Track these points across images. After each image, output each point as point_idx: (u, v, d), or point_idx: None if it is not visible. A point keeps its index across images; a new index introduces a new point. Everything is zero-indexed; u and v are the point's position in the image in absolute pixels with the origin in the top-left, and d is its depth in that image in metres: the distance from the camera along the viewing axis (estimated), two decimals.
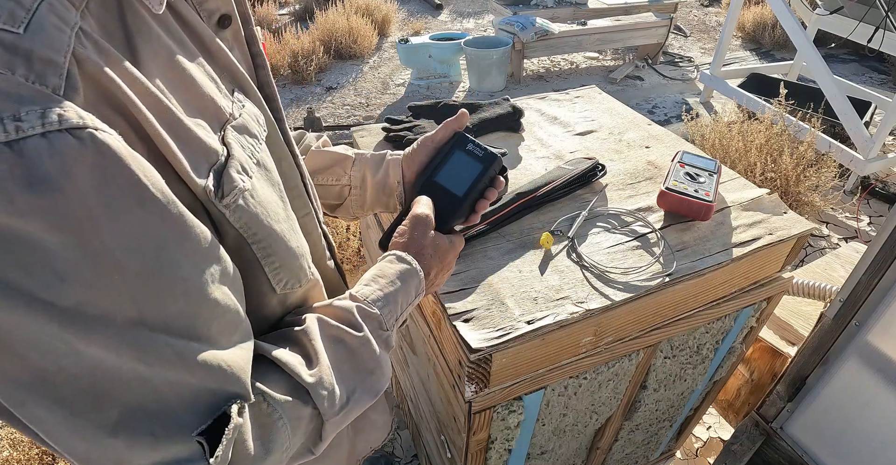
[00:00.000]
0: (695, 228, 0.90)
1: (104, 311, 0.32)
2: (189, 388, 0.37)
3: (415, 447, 1.67)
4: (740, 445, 1.28)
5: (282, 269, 0.48)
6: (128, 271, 0.32)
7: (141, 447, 0.35)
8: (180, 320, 0.36)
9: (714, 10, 6.24)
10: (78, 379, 0.32)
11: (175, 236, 0.35)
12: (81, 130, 0.29)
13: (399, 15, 5.77)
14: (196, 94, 0.40)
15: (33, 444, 1.45)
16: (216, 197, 0.39)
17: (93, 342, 0.32)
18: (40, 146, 0.28)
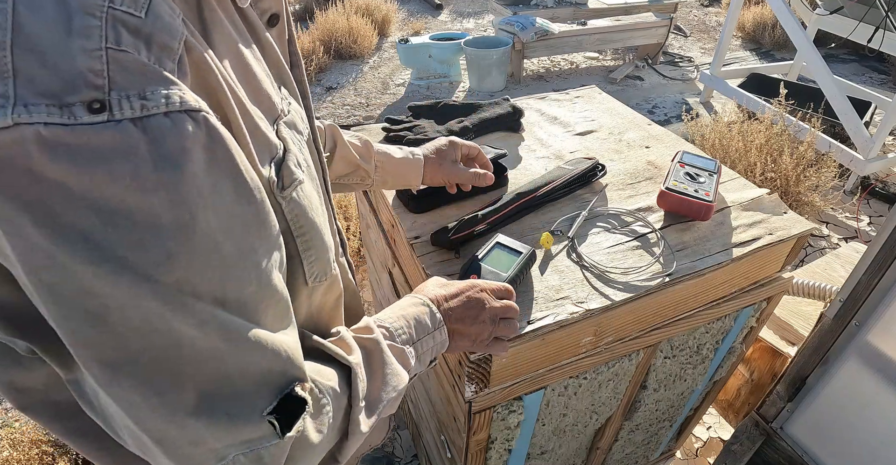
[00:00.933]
0: (695, 228, 0.90)
1: (199, 289, 0.33)
2: (259, 369, 0.38)
3: (415, 447, 1.67)
4: (740, 445, 1.28)
5: (316, 262, 0.50)
6: (223, 251, 0.33)
7: (217, 428, 0.36)
8: (251, 304, 0.37)
9: (714, 10, 6.24)
10: (164, 358, 0.33)
11: (256, 221, 0.36)
12: (197, 112, 0.31)
13: (399, 15, 5.77)
14: (256, 88, 0.41)
15: (33, 444, 1.45)
16: (278, 188, 0.41)
17: (185, 320, 0.33)
18: (164, 125, 0.29)
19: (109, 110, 0.27)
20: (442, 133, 1.11)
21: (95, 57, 0.27)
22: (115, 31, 0.28)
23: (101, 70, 0.27)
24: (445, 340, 0.61)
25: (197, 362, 0.34)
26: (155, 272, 0.30)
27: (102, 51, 0.28)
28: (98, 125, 0.27)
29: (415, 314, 0.59)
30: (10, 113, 0.25)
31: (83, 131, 0.27)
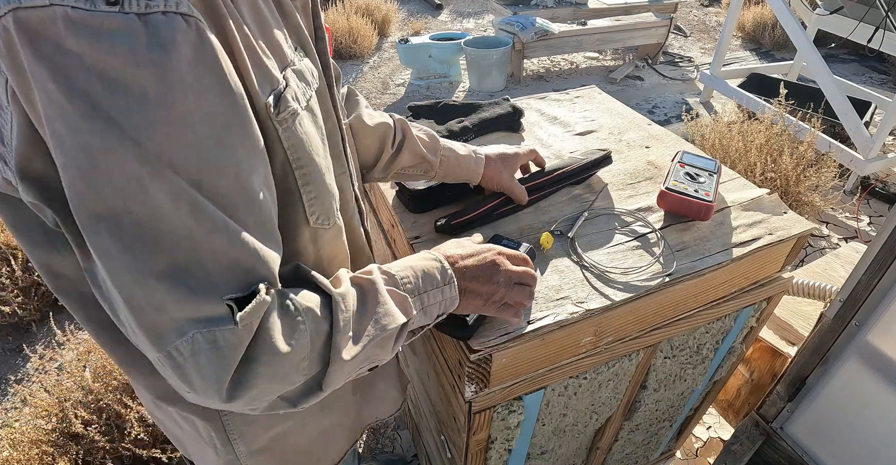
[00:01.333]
0: (695, 228, 0.90)
1: (175, 162, 0.39)
2: (227, 258, 0.43)
3: (415, 447, 1.67)
4: (740, 445, 1.28)
5: (316, 201, 0.54)
6: (200, 135, 0.39)
7: (178, 297, 0.41)
8: (227, 198, 0.42)
9: (714, 10, 6.24)
10: (141, 222, 0.39)
11: (239, 124, 0.42)
12: (191, 17, 0.38)
13: (399, 15, 5.77)
14: (269, 36, 0.48)
15: (33, 444, 1.45)
16: (274, 112, 0.46)
17: (161, 187, 0.38)
18: (160, 20, 0.36)
19: (121, 5, 0.35)
20: (442, 133, 1.11)
21: None
22: None
23: None
24: (455, 297, 0.62)
25: (170, 232, 0.40)
26: (137, 136, 0.37)
27: None
28: (112, 13, 0.35)
29: (424, 267, 0.60)
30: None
31: (100, 16, 0.35)
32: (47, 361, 1.83)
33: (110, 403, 1.47)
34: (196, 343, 0.42)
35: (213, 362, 0.43)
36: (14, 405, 1.86)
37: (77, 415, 1.45)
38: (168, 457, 1.45)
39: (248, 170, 0.43)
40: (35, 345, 2.05)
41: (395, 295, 0.57)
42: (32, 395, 1.53)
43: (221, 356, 0.43)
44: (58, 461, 1.42)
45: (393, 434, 1.76)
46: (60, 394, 1.52)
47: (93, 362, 1.57)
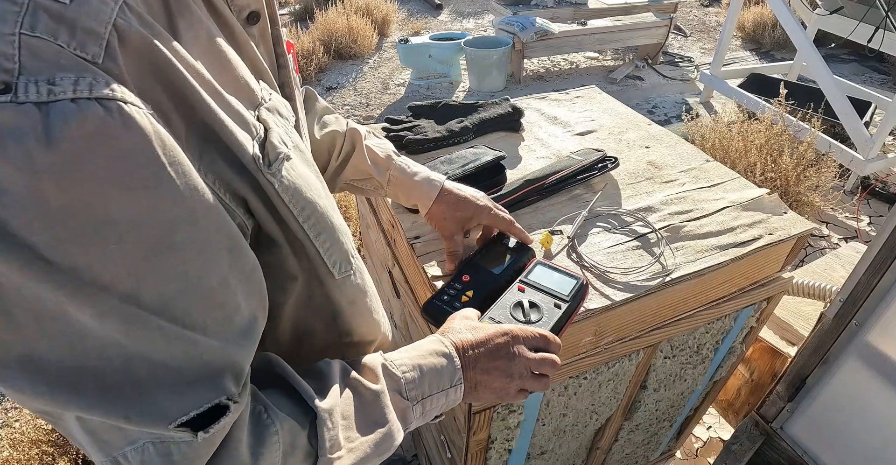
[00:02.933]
0: (695, 228, 0.90)
1: (99, 279, 0.32)
2: (172, 375, 0.36)
3: (415, 447, 1.67)
4: (740, 445, 1.28)
5: (332, 249, 0.49)
6: (129, 245, 0.32)
7: (117, 423, 0.35)
8: (177, 302, 0.35)
9: (714, 10, 6.24)
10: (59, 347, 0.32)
11: (186, 219, 0.34)
12: (110, 100, 0.30)
13: (399, 15, 5.77)
14: (233, 76, 0.41)
15: (33, 444, 1.45)
16: (264, 165, 0.41)
17: (83, 309, 0.32)
18: (67, 110, 0.28)
19: (14, 92, 0.27)
20: (442, 133, 1.11)
21: (7, 41, 0.28)
22: (34, 18, 0.29)
23: (13, 54, 0.28)
24: (458, 398, 0.56)
25: (98, 356, 0.33)
26: (48, 255, 0.30)
27: (15, 36, 0.28)
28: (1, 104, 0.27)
29: (432, 366, 0.54)
30: None
31: None
32: None
33: None
34: (147, 454, 0.37)
35: None
36: (14, 405, 1.86)
37: None
38: None
39: (200, 267, 0.36)
40: None
41: (396, 404, 0.51)
42: None
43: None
44: (58, 461, 1.42)
45: None
46: None
47: None
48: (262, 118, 0.43)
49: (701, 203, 0.96)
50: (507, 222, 0.77)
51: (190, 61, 0.36)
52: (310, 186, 0.46)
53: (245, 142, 0.39)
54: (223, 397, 0.39)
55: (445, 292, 0.71)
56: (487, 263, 0.75)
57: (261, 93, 0.44)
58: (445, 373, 0.54)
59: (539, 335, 0.59)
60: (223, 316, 0.39)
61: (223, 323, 0.39)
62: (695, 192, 0.99)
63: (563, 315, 0.64)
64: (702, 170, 1.06)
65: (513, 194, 0.92)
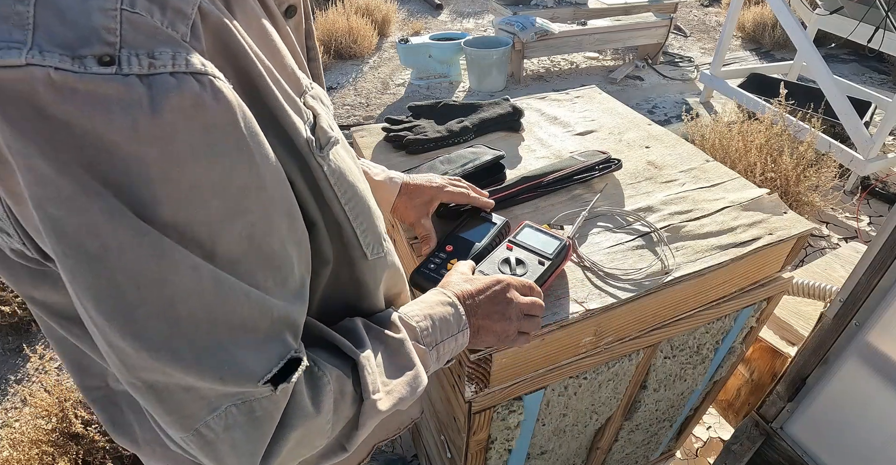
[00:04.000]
0: (695, 228, 0.90)
1: (187, 238, 0.35)
2: (250, 334, 0.39)
3: (415, 447, 1.67)
4: (740, 445, 1.28)
5: (368, 232, 0.52)
6: (211, 208, 0.35)
7: (208, 380, 0.37)
8: (243, 264, 0.38)
9: (714, 10, 6.24)
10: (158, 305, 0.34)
11: (256, 186, 0.37)
12: (203, 75, 0.32)
13: (399, 15, 5.77)
14: (281, 62, 0.43)
15: (33, 444, 1.45)
16: (316, 148, 0.43)
17: (176, 266, 0.34)
18: (168, 83, 0.31)
19: (118, 64, 0.29)
20: (442, 133, 1.11)
21: (110, 16, 0.30)
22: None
23: (115, 28, 0.30)
24: (465, 342, 0.61)
25: (191, 313, 0.36)
26: (146, 214, 0.32)
27: (117, 11, 0.30)
28: (106, 76, 0.29)
29: (441, 315, 0.59)
30: (25, 54, 0.28)
31: (91, 80, 0.29)
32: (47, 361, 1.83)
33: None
34: (230, 417, 0.39)
35: (250, 435, 0.40)
36: (14, 405, 1.86)
37: (77, 415, 1.45)
38: None
39: (264, 230, 0.39)
40: (35, 345, 2.05)
41: (418, 351, 0.55)
42: (32, 395, 1.53)
43: (258, 427, 0.40)
44: (58, 461, 1.42)
45: None
46: (60, 394, 1.52)
47: None
48: (310, 105, 0.45)
49: (701, 203, 0.96)
50: (464, 195, 0.83)
51: (253, 46, 0.38)
52: (351, 171, 0.49)
53: (300, 126, 0.42)
54: (292, 351, 0.42)
55: (431, 261, 0.77)
56: (467, 233, 0.81)
57: (304, 80, 0.47)
58: (452, 320, 0.59)
59: (527, 284, 0.67)
60: (281, 278, 0.42)
61: (281, 284, 0.42)
62: (695, 192, 0.99)
63: (545, 271, 0.72)
64: (702, 170, 1.06)
65: (507, 190, 0.92)
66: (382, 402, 0.50)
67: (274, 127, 0.40)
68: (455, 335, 0.59)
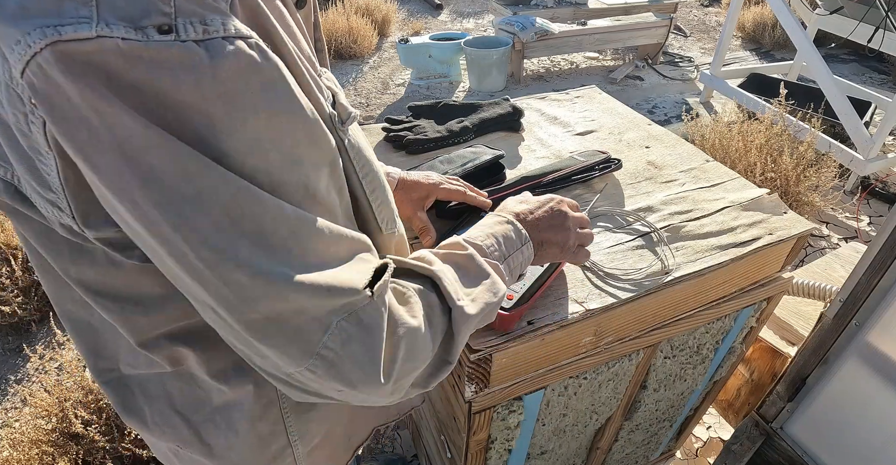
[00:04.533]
0: (695, 228, 0.90)
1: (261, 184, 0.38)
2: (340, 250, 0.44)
3: (415, 447, 1.67)
4: (740, 445, 1.28)
5: (383, 207, 0.54)
6: (270, 158, 0.39)
7: (318, 296, 0.41)
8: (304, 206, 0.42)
9: (714, 10, 6.24)
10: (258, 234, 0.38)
11: (306, 139, 0.41)
12: (250, 38, 0.35)
13: (399, 15, 5.77)
14: (300, 45, 0.45)
15: (33, 444, 1.45)
16: (339, 122, 0.46)
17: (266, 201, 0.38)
18: (223, 46, 0.34)
19: (176, 32, 0.32)
20: (442, 133, 1.11)
21: None
22: None
23: (169, 0, 0.33)
24: (531, 255, 0.64)
25: (285, 240, 0.39)
26: (224, 162, 0.36)
27: None
28: (167, 42, 0.32)
29: (502, 232, 0.62)
30: (95, 27, 0.31)
31: (155, 47, 0.32)
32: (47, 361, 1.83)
33: (110, 403, 1.47)
34: (343, 331, 0.43)
35: (365, 344, 0.43)
36: (14, 405, 1.86)
37: (77, 415, 1.45)
38: None
39: (315, 180, 0.43)
40: (35, 345, 2.05)
41: (490, 265, 0.58)
42: (32, 395, 1.53)
43: (370, 334, 0.44)
44: (58, 461, 1.42)
45: (393, 434, 1.76)
46: (60, 394, 1.52)
47: None
48: (327, 85, 0.48)
49: (701, 203, 0.96)
50: (461, 193, 0.85)
51: (279, 26, 0.40)
52: (366, 148, 0.52)
53: (324, 101, 0.44)
54: (377, 262, 0.47)
55: None
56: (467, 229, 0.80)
57: (318, 64, 0.50)
58: (514, 236, 0.62)
59: (573, 201, 0.71)
60: (333, 219, 0.45)
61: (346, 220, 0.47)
62: (695, 192, 0.99)
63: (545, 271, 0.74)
64: (702, 170, 1.06)
65: (506, 190, 0.92)
66: (469, 307, 0.52)
67: None
68: (520, 249, 0.62)
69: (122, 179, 0.35)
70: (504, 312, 0.69)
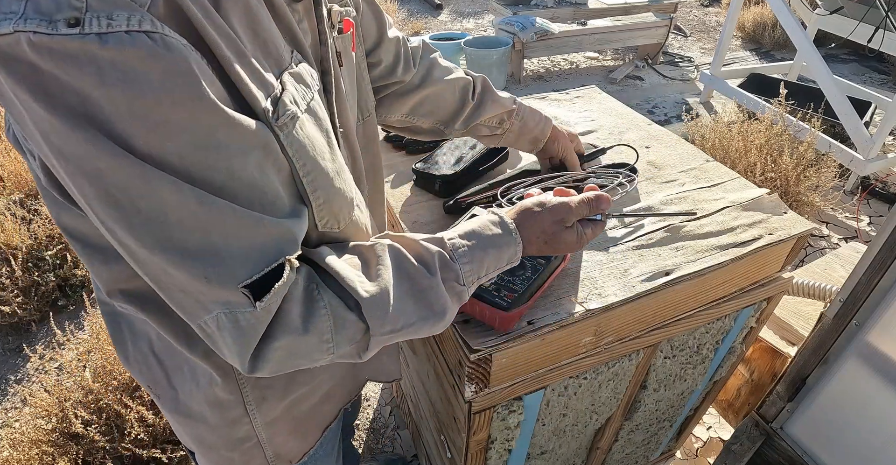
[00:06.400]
0: (695, 228, 0.90)
1: (165, 162, 0.41)
2: (239, 242, 0.45)
3: (415, 447, 1.67)
4: (740, 445, 1.28)
5: (325, 206, 0.54)
6: (180, 142, 0.41)
7: (197, 284, 0.45)
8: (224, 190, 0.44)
9: (714, 10, 6.24)
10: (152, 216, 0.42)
11: (224, 124, 0.43)
12: (154, 33, 0.38)
13: (399, 15, 5.77)
14: (263, 40, 0.48)
15: (33, 444, 1.45)
16: (273, 118, 0.47)
17: (162, 184, 0.41)
18: (124, 39, 0.37)
19: (81, 26, 0.36)
20: None
21: None
22: None
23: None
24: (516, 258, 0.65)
25: (179, 223, 0.42)
26: (126, 142, 0.39)
27: None
28: (71, 36, 0.36)
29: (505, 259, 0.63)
30: (13, 24, 0.35)
31: (61, 40, 0.36)
32: (47, 361, 1.83)
33: (110, 403, 1.47)
34: (220, 321, 0.47)
35: (237, 339, 0.47)
36: (14, 405, 1.86)
37: (77, 415, 1.45)
38: (168, 457, 1.45)
39: (240, 163, 0.44)
40: (35, 345, 2.05)
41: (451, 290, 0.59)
42: (32, 395, 1.53)
43: (242, 335, 0.47)
44: (58, 461, 1.42)
45: (393, 434, 1.76)
46: (60, 394, 1.52)
47: (93, 362, 1.57)
48: (283, 80, 0.49)
49: (701, 203, 0.96)
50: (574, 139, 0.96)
51: (218, 21, 0.43)
52: (315, 147, 0.52)
53: (258, 94, 0.46)
54: (282, 259, 0.48)
55: None
56: None
57: (290, 59, 0.51)
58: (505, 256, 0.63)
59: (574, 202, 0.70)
60: (268, 201, 0.47)
61: (270, 205, 0.47)
62: (695, 192, 0.99)
63: (545, 271, 0.74)
64: (702, 170, 1.06)
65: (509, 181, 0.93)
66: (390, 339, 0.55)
67: (233, 91, 0.45)
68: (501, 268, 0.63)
69: (43, 150, 0.41)
70: (504, 312, 0.69)
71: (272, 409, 0.70)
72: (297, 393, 0.71)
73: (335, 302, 0.52)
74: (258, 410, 0.69)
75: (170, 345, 0.63)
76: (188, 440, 0.75)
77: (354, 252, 0.57)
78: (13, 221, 2.14)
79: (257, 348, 0.49)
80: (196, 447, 0.74)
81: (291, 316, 0.49)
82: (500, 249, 0.61)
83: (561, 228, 0.65)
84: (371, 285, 0.54)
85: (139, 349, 0.66)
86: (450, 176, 0.95)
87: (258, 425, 0.70)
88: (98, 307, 0.66)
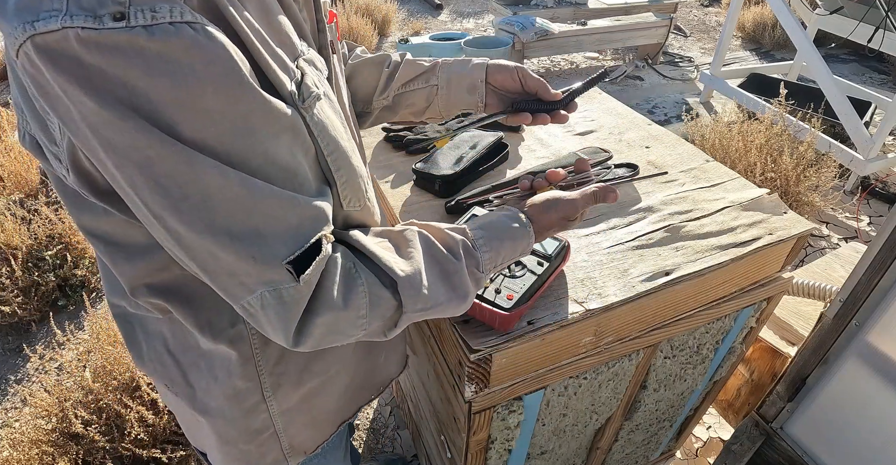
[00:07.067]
0: (695, 228, 0.90)
1: (208, 148, 0.43)
2: (281, 221, 0.48)
3: (415, 447, 1.67)
4: (740, 445, 1.28)
5: (348, 184, 0.57)
6: (220, 128, 0.43)
7: (244, 265, 0.47)
8: (261, 174, 0.46)
9: (714, 10, 6.24)
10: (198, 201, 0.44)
11: (259, 109, 0.45)
12: (196, 23, 0.40)
13: (399, 15, 5.77)
14: (277, 29, 0.50)
15: (33, 444, 1.45)
16: (299, 100, 0.49)
17: (206, 169, 0.43)
18: (168, 30, 0.39)
19: (127, 19, 0.38)
20: (442, 133, 1.12)
21: None
22: None
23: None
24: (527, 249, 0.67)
25: (225, 204, 0.45)
26: (171, 131, 0.41)
27: None
28: (118, 29, 0.38)
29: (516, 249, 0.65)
30: (60, 19, 0.37)
31: (108, 34, 0.37)
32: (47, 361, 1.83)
33: (110, 403, 1.47)
34: (264, 300, 0.49)
35: (281, 315, 0.50)
36: (14, 405, 1.86)
37: (77, 415, 1.45)
38: (168, 457, 1.45)
39: (274, 146, 0.47)
40: (35, 345, 2.05)
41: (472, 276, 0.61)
42: (32, 395, 1.53)
43: (287, 310, 0.50)
44: (58, 461, 1.42)
45: (393, 434, 1.76)
46: (60, 394, 1.52)
47: (93, 362, 1.57)
48: (300, 66, 0.52)
49: (701, 203, 0.96)
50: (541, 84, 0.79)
51: (244, 13, 0.45)
52: (334, 128, 0.54)
53: (284, 80, 0.48)
54: (319, 235, 0.50)
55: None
56: None
57: (300, 46, 0.53)
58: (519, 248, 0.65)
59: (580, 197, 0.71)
60: (298, 183, 0.50)
61: (300, 187, 0.50)
62: (695, 192, 0.99)
63: (545, 271, 0.74)
64: (702, 170, 1.06)
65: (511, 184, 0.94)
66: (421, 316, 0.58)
67: (260, 76, 0.46)
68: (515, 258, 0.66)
69: (90, 145, 0.42)
70: (504, 312, 0.69)
71: (288, 397, 0.71)
72: (312, 383, 0.72)
73: (372, 280, 0.54)
74: (274, 397, 0.70)
75: (185, 342, 0.65)
76: (202, 438, 0.76)
77: (385, 236, 0.60)
78: (13, 221, 2.14)
79: (300, 324, 0.51)
80: (213, 444, 0.74)
81: (332, 293, 0.52)
82: (515, 241, 0.64)
83: (566, 223, 0.69)
84: (406, 264, 0.56)
85: (154, 349, 0.67)
86: (450, 176, 0.96)
87: (275, 412, 0.71)
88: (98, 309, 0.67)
